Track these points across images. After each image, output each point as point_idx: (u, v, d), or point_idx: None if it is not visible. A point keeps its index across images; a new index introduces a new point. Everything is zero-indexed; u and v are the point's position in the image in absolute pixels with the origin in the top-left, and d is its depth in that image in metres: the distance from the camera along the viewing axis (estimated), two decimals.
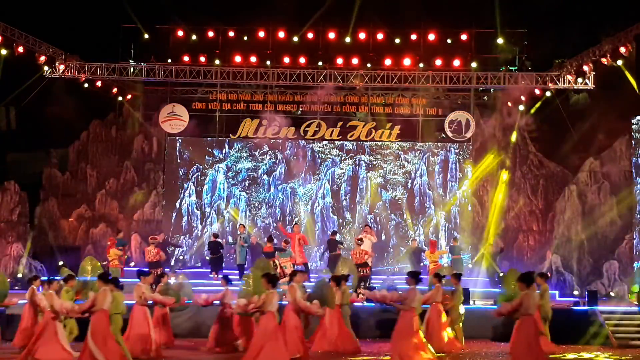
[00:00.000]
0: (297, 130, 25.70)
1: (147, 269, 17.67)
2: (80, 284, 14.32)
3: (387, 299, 12.47)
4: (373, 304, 15.78)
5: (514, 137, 25.46)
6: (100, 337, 10.98)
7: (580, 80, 23.20)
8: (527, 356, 10.43)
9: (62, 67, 23.69)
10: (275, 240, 21.09)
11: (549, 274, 15.55)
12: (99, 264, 16.11)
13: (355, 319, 15.42)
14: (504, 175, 24.93)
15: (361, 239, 20.10)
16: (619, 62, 21.33)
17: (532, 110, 25.19)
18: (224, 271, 20.74)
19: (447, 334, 14.28)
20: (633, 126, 22.87)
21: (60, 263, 22.57)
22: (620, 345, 15.68)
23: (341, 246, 21.57)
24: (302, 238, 21.09)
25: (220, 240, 22.39)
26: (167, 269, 19.85)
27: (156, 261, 19.88)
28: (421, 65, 24.65)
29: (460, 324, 14.96)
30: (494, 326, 16.26)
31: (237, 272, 21.02)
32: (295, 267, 19.80)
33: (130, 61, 24.46)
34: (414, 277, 12.02)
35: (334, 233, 21.94)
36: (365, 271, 18.84)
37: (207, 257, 22.65)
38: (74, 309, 11.86)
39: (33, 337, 12.61)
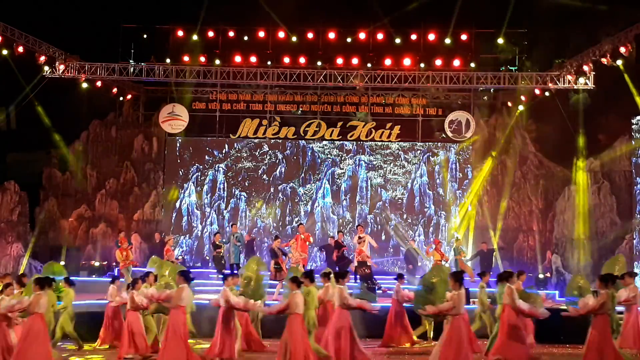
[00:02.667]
0: (297, 130, 25.73)
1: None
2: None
3: (154, 297, 12.63)
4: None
5: (514, 137, 25.49)
6: None
7: (580, 80, 23.19)
8: (295, 353, 11.22)
9: (62, 67, 23.67)
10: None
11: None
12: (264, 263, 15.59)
13: None
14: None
15: (360, 238, 20.13)
16: (619, 62, 21.33)
17: (523, 109, 25.25)
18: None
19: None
20: (633, 126, 22.86)
21: (62, 263, 22.66)
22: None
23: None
24: (308, 238, 21.09)
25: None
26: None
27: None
28: (421, 65, 24.65)
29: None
30: None
31: (230, 271, 20.97)
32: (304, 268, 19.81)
33: (130, 61, 24.45)
34: (184, 276, 12.00)
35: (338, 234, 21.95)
36: (363, 271, 18.87)
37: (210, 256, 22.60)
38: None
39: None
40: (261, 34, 25.22)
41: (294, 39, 24.87)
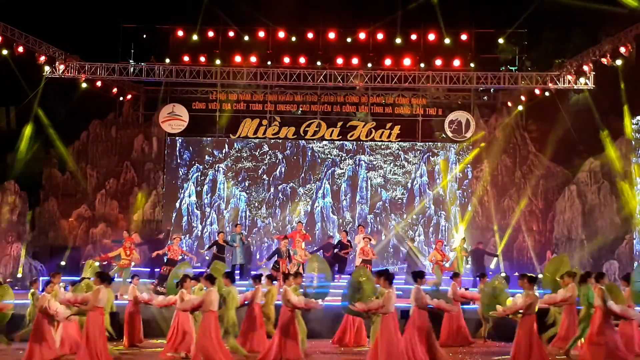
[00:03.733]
0: (297, 130, 25.73)
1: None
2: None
3: (70, 301, 12.48)
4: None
5: (514, 137, 25.49)
6: None
7: (580, 80, 23.19)
8: (210, 348, 11.45)
9: (62, 67, 23.65)
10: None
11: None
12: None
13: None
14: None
15: (362, 237, 20.17)
16: (619, 62, 21.33)
17: (522, 109, 25.26)
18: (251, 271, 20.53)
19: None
20: (633, 126, 22.86)
21: (63, 263, 22.66)
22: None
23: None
24: (307, 237, 21.10)
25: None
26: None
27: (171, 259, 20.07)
28: (421, 65, 24.65)
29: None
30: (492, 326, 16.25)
31: (239, 272, 20.99)
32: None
33: (130, 61, 24.44)
34: (101, 277, 11.82)
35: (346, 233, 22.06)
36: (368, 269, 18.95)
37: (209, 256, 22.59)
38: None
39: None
40: (261, 34, 25.20)
41: (293, 39, 24.87)
